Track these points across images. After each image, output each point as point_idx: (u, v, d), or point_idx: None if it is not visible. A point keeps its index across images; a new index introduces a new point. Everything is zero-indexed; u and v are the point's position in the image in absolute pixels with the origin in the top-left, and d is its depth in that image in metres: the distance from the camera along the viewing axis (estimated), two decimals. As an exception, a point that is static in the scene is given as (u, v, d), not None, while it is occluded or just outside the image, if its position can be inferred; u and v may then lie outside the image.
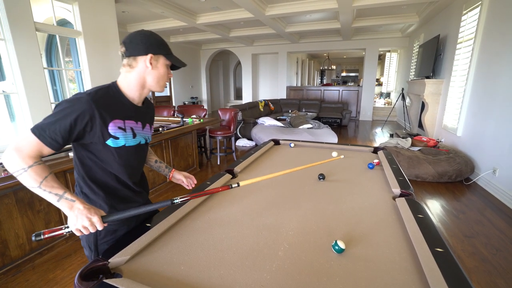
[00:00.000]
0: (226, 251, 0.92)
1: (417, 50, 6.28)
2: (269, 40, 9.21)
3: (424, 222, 1.05)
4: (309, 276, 0.80)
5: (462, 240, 2.11)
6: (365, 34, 8.16)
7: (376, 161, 1.86)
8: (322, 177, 1.57)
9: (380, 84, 12.47)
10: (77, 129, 0.80)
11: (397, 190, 1.40)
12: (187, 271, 0.82)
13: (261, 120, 5.36)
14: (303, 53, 11.50)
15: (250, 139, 5.37)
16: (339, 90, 9.15)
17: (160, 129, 2.82)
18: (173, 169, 1.31)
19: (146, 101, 1.05)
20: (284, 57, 9.47)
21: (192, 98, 9.92)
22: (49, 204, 1.85)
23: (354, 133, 6.85)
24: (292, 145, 2.42)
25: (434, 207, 2.71)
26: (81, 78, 3.71)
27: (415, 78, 6.12)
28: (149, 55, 0.90)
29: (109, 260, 0.81)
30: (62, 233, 0.77)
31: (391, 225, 1.10)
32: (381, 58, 12.15)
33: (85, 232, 0.79)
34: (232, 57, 12.02)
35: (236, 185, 1.09)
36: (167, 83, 4.69)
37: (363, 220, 1.13)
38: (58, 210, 1.96)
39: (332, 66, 13.90)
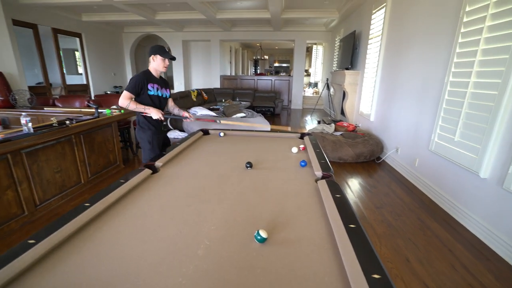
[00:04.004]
0: (136, 260, 0.79)
1: (339, 44, 6.89)
2: (201, 27, 8.80)
3: (340, 201, 1.12)
4: (229, 273, 0.75)
5: (374, 211, 2.42)
6: (294, 26, 8.54)
7: (302, 146, 1.94)
8: (249, 165, 1.54)
9: (308, 75, 13.39)
10: (140, 87, 2.01)
11: (319, 173, 1.47)
12: (81, 292, 0.67)
13: (193, 110, 5.11)
14: (236, 41, 11.41)
15: (182, 130, 5.08)
16: (271, 80, 9.43)
17: (67, 122, 2.37)
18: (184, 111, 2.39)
19: (161, 77, 2.23)
20: (217, 45, 9.22)
21: (115, 87, 8.83)
22: None
23: (287, 121, 7.20)
24: (222, 134, 2.34)
25: (353, 185, 3.04)
26: None
27: (337, 69, 6.73)
28: (152, 56, 2.07)
29: None
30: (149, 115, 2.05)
31: (313, 208, 1.13)
32: (309, 50, 13.00)
33: (161, 117, 2.09)
34: (161, 43, 11.08)
35: (219, 121, 2.47)
36: (88, 70, 7.59)
37: (287, 206, 1.14)
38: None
39: (265, 56, 14.23)
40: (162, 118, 2.12)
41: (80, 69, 7.86)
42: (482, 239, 2.00)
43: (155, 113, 2.03)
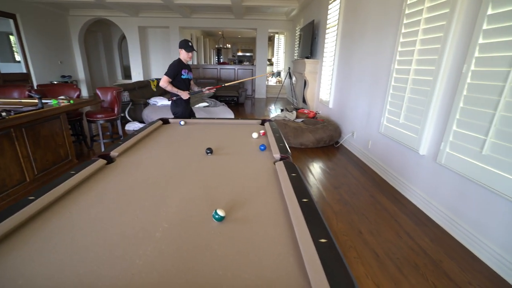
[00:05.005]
0: (90, 247, 0.77)
1: (299, 33, 7.04)
2: (158, 12, 8.32)
3: (296, 179, 1.19)
4: (188, 251, 0.77)
5: (332, 191, 2.60)
6: (256, 15, 8.49)
7: (262, 131, 2.00)
8: (209, 151, 1.55)
9: (271, 64, 13.50)
10: (176, 72, 2.80)
11: (277, 155, 1.53)
12: (28, 285, 0.64)
13: (153, 100, 4.89)
14: (197, 29, 11.02)
15: (142, 122, 4.85)
16: (235, 69, 9.35)
17: (3, 113, 2.12)
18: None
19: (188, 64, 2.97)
20: (176, 32, 8.82)
21: (63, 76, 8.03)
22: None
23: (251, 110, 7.24)
24: (182, 123, 2.30)
25: (313, 169, 3.21)
26: None
27: (298, 58, 6.89)
28: (179, 49, 2.83)
29: None
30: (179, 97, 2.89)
31: (271, 187, 1.19)
32: (271, 40, 13.06)
33: (188, 96, 2.95)
34: (114, 29, 10.26)
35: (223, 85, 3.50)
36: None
37: (246, 187, 1.19)
38: None
39: (227, 45, 13.99)
40: (188, 96, 2.97)
41: (18, 56, 6.96)
42: (421, 208, 2.28)
43: (184, 95, 2.89)
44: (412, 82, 2.39)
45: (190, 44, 2.80)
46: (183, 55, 2.80)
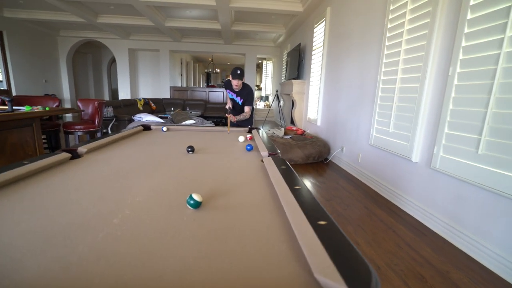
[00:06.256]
0: (29, 235, 0.59)
1: (286, 58, 7.27)
2: (149, 35, 8.47)
3: (286, 171, 1.06)
4: (152, 238, 0.60)
5: (324, 203, 2.44)
6: (244, 40, 8.79)
7: (249, 135, 1.88)
8: (191, 149, 1.41)
9: (260, 89, 13.80)
10: (226, 88, 3.28)
11: (265, 153, 1.40)
12: None
13: (138, 116, 4.74)
14: (187, 53, 11.26)
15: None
16: (223, 92, 9.43)
17: (-35, 115, 1.92)
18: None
19: (241, 88, 3.12)
20: (166, 55, 8.94)
21: (46, 95, 7.80)
22: None
23: (240, 130, 7.17)
24: (165, 129, 2.16)
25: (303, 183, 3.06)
26: None
27: (285, 80, 7.03)
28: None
29: None
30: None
31: (257, 180, 1.05)
32: (260, 67, 13.48)
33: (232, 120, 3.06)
34: (105, 52, 10.32)
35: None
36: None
37: (229, 179, 1.04)
38: None
39: (217, 70, 14.30)
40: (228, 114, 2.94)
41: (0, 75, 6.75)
42: (419, 219, 2.15)
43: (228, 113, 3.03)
44: (399, 91, 2.39)
45: (238, 72, 2.93)
46: (231, 80, 3.03)
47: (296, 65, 5.79)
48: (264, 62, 11.84)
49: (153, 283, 0.46)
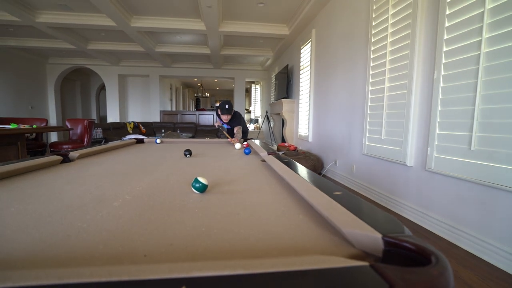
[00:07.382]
0: (30, 215, 0.54)
1: (274, 81, 7.50)
2: (139, 61, 8.61)
3: (290, 163, 1.03)
4: (157, 213, 0.56)
5: (322, 214, 2.39)
6: (233, 65, 9.07)
7: (245, 143, 1.87)
8: (188, 153, 1.37)
9: (249, 112, 14.03)
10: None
11: (264, 154, 1.38)
12: None
13: (128, 137, 4.66)
14: (177, 78, 11.45)
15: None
16: (213, 115, 9.51)
17: None
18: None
19: (231, 119, 2.87)
20: (156, 80, 9.05)
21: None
22: None
23: (231, 151, 7.13)
24: (159, 141, 2.12)
25: (300, 196, 3.01)
26: None
27: (275, 100, 7.19)
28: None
29: None
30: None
31: (260, 173, 1.02)
32: (248, 91, 13.83)
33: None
34: (94, 79, 10.36)
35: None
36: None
37: (232, 172, 1.01)
38: None
39: (206, 94, 14.53)
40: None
41: (-16, 101, 6.60)
42: (418, 223, 2.12)
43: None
44: (388, 99, 2.47)
45: (226, 106, 2.73)
46: (221, 115, 2.87)
47: (285, 85, 5.96)
48: (253, 85, 12.16)
49: (163, 249, 0.42)
